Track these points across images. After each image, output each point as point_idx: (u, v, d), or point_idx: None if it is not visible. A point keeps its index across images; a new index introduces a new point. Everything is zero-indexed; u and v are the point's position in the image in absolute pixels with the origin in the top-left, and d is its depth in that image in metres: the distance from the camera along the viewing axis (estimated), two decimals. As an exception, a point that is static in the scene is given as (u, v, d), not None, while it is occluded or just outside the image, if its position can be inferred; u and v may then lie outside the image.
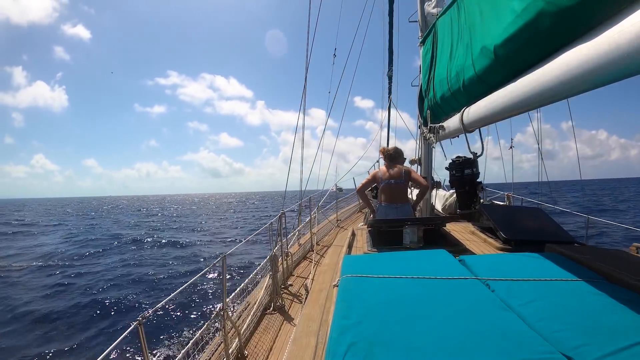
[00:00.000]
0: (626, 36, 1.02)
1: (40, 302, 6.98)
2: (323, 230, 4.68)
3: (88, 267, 9.83)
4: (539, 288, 1.51)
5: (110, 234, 18.15)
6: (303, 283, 2.79)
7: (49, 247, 13.94)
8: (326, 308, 1.81)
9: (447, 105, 2.96)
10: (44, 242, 15.53)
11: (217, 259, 1.93)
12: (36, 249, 13.26)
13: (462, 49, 2.43)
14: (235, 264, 9.04)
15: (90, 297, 7.07)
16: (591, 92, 1.27)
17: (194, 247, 12.20)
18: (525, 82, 1.62)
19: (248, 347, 2.00)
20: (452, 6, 2.73)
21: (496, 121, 2.20)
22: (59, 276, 8.90)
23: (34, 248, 13.71)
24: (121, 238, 15.81)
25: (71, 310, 6.54)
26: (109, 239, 15.88)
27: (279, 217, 2.90)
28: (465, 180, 4.25)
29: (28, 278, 8.88)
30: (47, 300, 7.07)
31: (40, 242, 15.89)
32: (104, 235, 17.33)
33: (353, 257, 2.26)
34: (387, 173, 3.49)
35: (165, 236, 16.18)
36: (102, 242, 14.74)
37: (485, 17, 2.02)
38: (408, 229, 2.70)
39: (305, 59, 4.36)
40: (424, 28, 4.41)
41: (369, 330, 1.19)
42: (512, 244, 2.66)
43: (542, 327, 1.22)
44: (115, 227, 22.40)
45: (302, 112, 4.22)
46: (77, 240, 15.58)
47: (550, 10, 1.39)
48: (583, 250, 2.33)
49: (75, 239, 16.36)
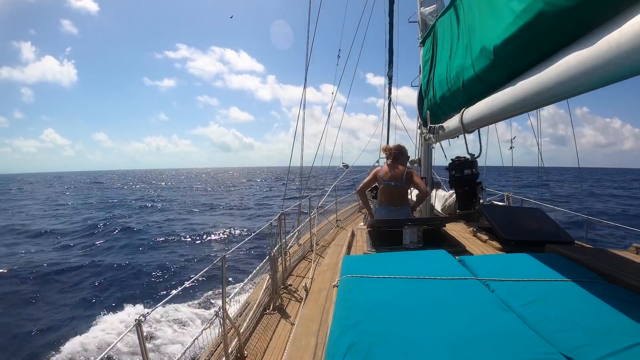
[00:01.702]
0: (626, 36, 1.02)
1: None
2: (323, 231, 4.67)
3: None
4: (539, 288, 1.51)
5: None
6: (303, 283, 2.79)
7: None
8: (326, 308, 1.80)
9: (447, 105, 2.96)
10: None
11: (217, 259, 1.93)
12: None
13: (461, 49, 2.43)
14: (235, 264, 9.04)
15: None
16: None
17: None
18: (525, 83, 1.63)
19: (247, 347, 2.00)
20: (451, 7, 2.74)
21: (496, 122, 2.21)
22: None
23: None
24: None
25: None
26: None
27: (279, 217, 2.90)
28: (464, 180, 4.25)
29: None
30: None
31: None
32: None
33: (353, 258, 2.26)
34: (388, 173, 3.47)
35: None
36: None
37: (485, 18, 2.02)
38: (408, 229, 2.70)
39: (306, 50, 4.36)
40: (423, 28, 4.42)
41: (368, 330, 1.19)
42: (511, 244, 2.66)
43: (542, 327, 1.22)
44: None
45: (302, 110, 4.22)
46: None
47: (549, 11, 1.39)
48: (583, 250, 2.33)
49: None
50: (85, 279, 8.19)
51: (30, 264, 9.22)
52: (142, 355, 1.30)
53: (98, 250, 11.01)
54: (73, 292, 7.44)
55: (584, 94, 1.33)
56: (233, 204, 23.75)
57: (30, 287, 7.67)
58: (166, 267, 8.97)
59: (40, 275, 8.37)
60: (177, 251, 10.74)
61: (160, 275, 8.43)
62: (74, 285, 7.86)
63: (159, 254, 10.46)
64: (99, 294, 7.34)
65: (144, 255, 10.36)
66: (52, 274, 8.51)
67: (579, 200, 20.27)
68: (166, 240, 12.08)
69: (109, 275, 8.43)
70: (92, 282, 7.99)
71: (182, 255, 10.25)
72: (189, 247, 11.42)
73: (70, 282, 7.99)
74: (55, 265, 9.05)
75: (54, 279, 8.23)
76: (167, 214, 18.90)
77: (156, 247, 11.34)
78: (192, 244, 11.72)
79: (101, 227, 14.41)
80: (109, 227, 14.21)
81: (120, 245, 11.48)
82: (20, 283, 7.89)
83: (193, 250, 10.89)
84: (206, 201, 25.70)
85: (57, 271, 8.67)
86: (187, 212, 19.46)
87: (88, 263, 9.33)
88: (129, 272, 8.63)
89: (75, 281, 8.08)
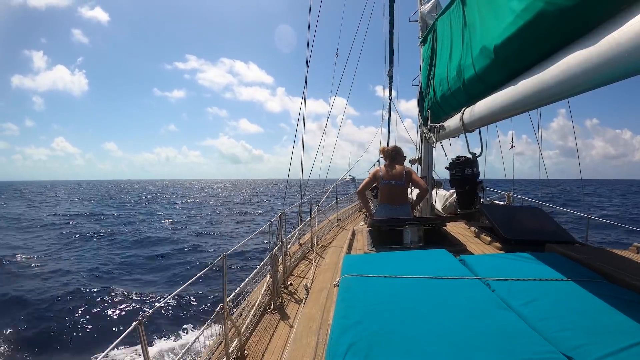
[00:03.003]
0: (626, 36, 1.02)
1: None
2: (323, 230, 4.68)
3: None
4: (540, 288, 1.52)
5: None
6: (303, 283, 2.79)
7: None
8: (326, 308, 1.81)
9: (447, 105, 2.96)
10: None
11: (217, 259, 1.93)
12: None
13: (461, 48, 2.42)
14: (235, 264, 9.04)
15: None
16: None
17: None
18: (526, 82, 1.62)
19: (248, 347, 2.00)
20: (451, 6, 2.73)
21: (496, 121, 2.20)
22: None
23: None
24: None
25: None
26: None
27: (279, 216, 2.90)
28: (465, 180, 4.25)
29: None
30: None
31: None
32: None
33: (353, 257, 2.26)
34: (387, 173, 3.49)
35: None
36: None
37: (485, 17, 2.02)
38: (408, 229, 2.70)
39: (306, 52, 4.36)
40: (424, 27, 4.42)
41: (369, 330, 1.19)
42: (512, 243, 2.66)
43: (542, 327, 1.22)
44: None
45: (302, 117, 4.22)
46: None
47: (550, 11, 1.39)
48: (583, 250, 2.33)
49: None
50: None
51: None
52: (143, 355, 1.31)
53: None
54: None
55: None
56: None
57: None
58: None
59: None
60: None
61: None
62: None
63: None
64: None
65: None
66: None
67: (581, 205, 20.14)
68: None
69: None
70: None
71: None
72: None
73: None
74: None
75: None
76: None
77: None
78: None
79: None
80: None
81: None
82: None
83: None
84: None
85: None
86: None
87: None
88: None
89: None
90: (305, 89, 4.30)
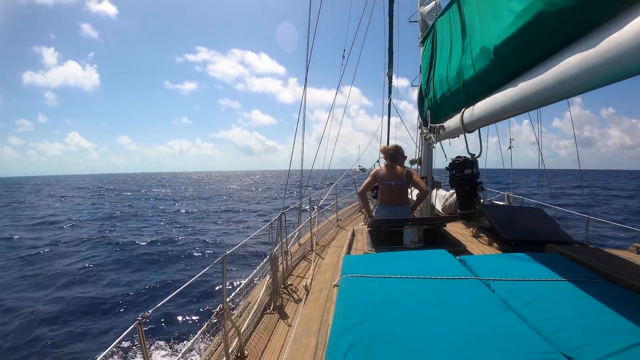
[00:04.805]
0: (626, 36, 1.02)
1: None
2: (323, 230, 4.68)
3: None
4: (540, 288, 1.51)
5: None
6: (303, 283, 2.79)
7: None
8: (326, 308, 1.81)
9: (447, 105, 2.96)
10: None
11: (217, 259, 1.93)
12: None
13: (461, 49, 2.43)
14: (236, 264, 9.04)
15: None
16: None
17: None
18: (525, 83, 1.63)
19: (248, 347, 2.00)
20: (451, 6, 2.73)
21: (496, 121, 2.20)
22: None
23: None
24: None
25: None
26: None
27: (279, 216, 2.90)
28: (465, 180, 4.25)
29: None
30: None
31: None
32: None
33: (353, 257, 2.26)
34: (388, 173, 3.49)
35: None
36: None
37: (484, 18, 2.02)
38: (408, 229, 2.70)
39: (306, 53, 4.36)
40: (424, 28, 4.42)
41: (369, 330, 1.19)
42: (512, 244, 2.66)
43: (542, 327, 1.22)
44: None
45: (302, 114, 4.22)
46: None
47: (549, 11, 1.39)
48: (583, 250, 2.33)
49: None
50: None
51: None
52: (143, 355, 1.31)
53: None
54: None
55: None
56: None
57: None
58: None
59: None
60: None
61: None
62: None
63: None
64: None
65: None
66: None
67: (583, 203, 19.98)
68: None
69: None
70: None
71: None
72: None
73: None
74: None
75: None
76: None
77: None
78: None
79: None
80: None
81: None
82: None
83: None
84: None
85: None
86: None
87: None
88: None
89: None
90: (306, 88, 4.30)
